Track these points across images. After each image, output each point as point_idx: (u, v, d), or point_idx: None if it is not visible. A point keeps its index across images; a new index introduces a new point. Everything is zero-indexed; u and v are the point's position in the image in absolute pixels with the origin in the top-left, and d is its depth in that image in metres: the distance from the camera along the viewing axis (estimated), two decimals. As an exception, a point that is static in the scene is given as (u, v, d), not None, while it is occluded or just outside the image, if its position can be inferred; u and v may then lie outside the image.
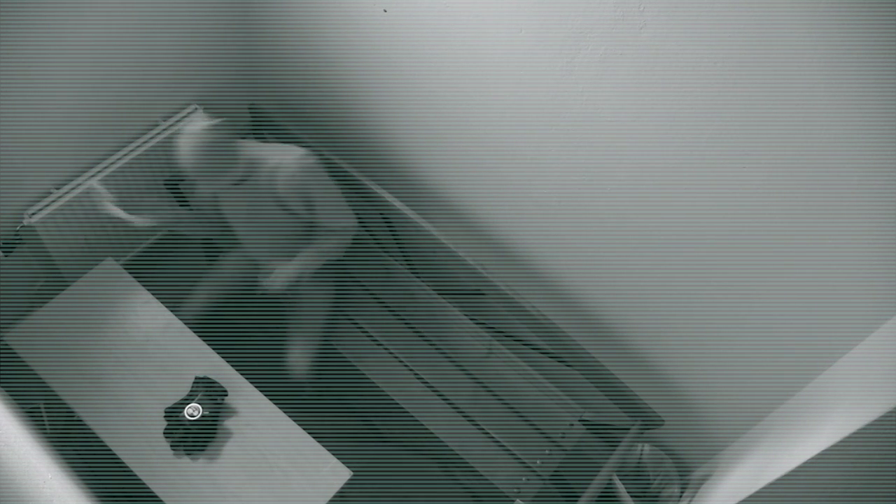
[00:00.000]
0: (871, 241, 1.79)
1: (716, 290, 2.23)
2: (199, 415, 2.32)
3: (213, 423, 2.34)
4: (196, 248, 3.13)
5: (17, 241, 2.64)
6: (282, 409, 2.44)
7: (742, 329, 2.24)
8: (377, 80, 2.63)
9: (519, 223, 2.67)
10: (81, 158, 2.66)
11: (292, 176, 2.36)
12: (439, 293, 2.97)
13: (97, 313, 2.53)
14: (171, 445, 2.31)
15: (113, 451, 2.29)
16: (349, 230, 2.58)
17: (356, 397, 2.98)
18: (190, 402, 2.34)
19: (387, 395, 2.73)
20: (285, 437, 2.38)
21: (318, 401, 2.97)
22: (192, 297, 2.76)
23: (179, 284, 3.09)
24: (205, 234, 2.81)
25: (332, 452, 2.38)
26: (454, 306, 2.94)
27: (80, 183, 2.65)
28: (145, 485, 2.24)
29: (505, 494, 2.58)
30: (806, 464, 1.72)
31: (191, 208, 2.65)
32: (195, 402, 2.33)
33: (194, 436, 2.31)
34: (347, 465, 2.36)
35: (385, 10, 2.36)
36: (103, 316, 2.53)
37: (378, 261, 3.00)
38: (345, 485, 2.33)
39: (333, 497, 2.31)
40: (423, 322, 2.89)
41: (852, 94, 1.62)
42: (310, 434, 2.40)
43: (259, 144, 2.44)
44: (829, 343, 2.03)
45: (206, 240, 3.02)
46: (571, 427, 2.74)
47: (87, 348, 2.45)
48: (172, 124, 2.82)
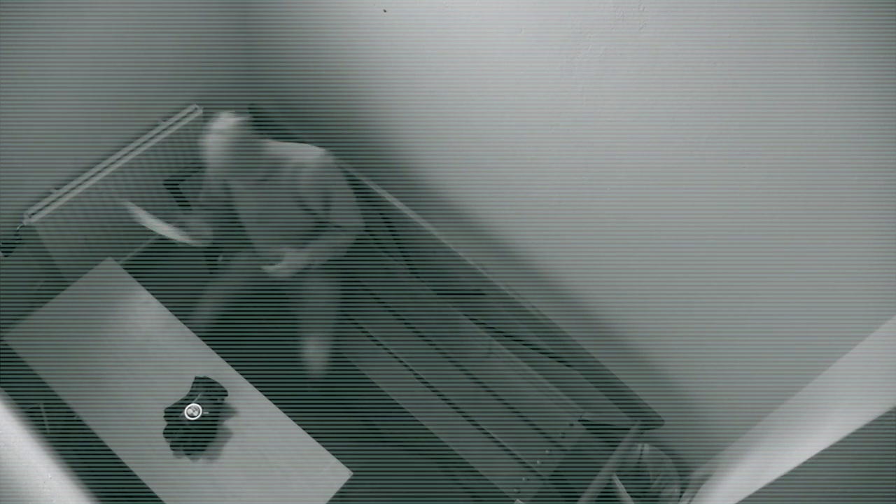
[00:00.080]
0: (871, 241, 1.79)
1: (716, 290, 2.23)
2: (199, 415, 2.32)
3: (212, 424, 2.34)
4: (196, 248, 3.12)
5: (17, 241, 2.64)
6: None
7: (742, 329, 2.24)
8: (377, 80, 2.63)
9: (519, 223, 2.67)
10: (81, 158, 2.66)
11: (315, 174, 2.41)
12: (439, 293, 2.97)
13: (97, 313, 2.53)
14: (170, 445, 2.31)
15: (113, 451, 2.29)
16: (358, 229, 2.63)
17: (356, 397, 2.98)
18: (190, 402, 2.34)
19: (387, 395, 2.73)
20: (285, 437, 2.38)
21: (322, 400, 2.97)
22: (201, 306, 2.75)
23: (179, 284, 3.09)
24: (216, 237, 2.80)
25: (332, 452, 2.38)
26: (454, 306, 2.94)
27: (80, 183, 2.65)
28: (145, 485, 2.24)
29: (505, 494, 2.58)
30: (806, 464, 1.72)
31: (201, 207, 2.63)
32: (195, 403, 2.33)
33: (194, 436, 2.31)
34: (347, 466, 2.36)
35: (385, 10, 2.36)
36: (103, 316, 2.53)
37: (378, 261, 3.00)
38: (345, 485, 2.33)
39: (333, 497, 2.31)
40: (423, 322, 2.89)
41: (852, 94, 1.62)
42: (310, 434, 2.40)
43: (277, 143, 2.47)
44: (829, 343, 2.03)
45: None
46: (571, 427, 2.74)
47: (87, 348, 2.45)
48: (172, 124, 2.82)
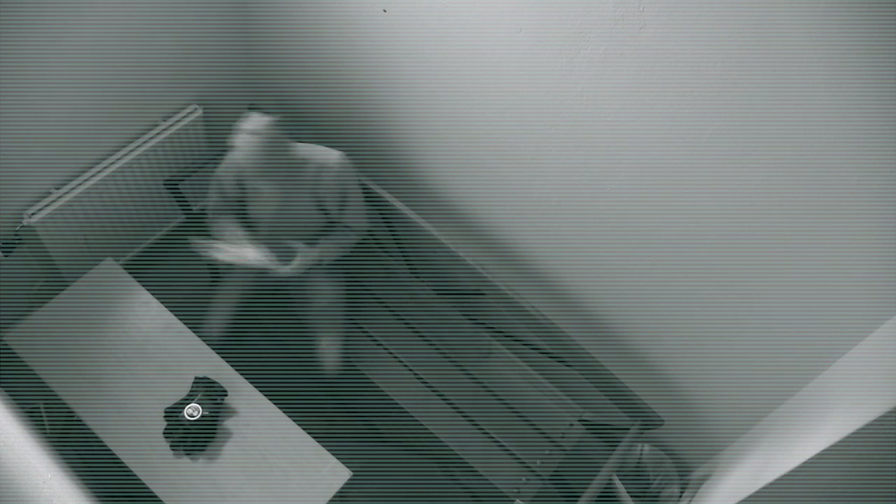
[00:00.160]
0: (871, 241, 1.79)
1: (716, 290, 2.23)
2: (199, 415, 2.32)
3: (212, 424, 2.34)
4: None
5: (17, 241, 2.64)
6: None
7: (742, 329, 2.24)
8: (377, 81, 2.63)
9: (519, 223, 2.66)
10: (81, 158, 2.66)
11: (338, 175, 2.46)
12: (439, 293, 2.97)
13: (97, 313, 2.53)
14: (170, 446, 2.31)
15: (113, 452, 2.29)
16: (364, 230, 2.68)
17: (356, 397, 2.98)
18: (190, 402, 2.34)
19: (387, 395, 2.73)
20: (285, 437, 2.38)
21: (324, 400, 2.98)
22: (212, 316, 2.73)
23: (179, 284, 3.09)
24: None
25: (332, 452, 2.38)
26: (454, 306, 2.94)
27: (80, 183, 2.65)
28: (145, 485, 2.24)
29: (505, 494, 2.58)
30: (806, 464, 1.72)
31: (216, 210, 2.60)
32: (195, 403, 2.33)
33: (194, 436, 2.31)
34: (347, 466, 2.36)
35: (385, 11, 2.36)
36: (103, 316, 2.53)
37: (378, 261, 3.00)
38: (345, 485, 2.33)
39: (333, 497, 2.31)
40: (423, 322, 2.89)
41: (852, 94, 1.62)
42: (310, 434, 2.40)
43: (297, 143, 2.48)
44: (829, 343, 2.03)
45: (206, 239, 3.01)
46: (571, 427, 2.74)
47: (86, 348, 2.45)
48: (172, 124, 2.82)
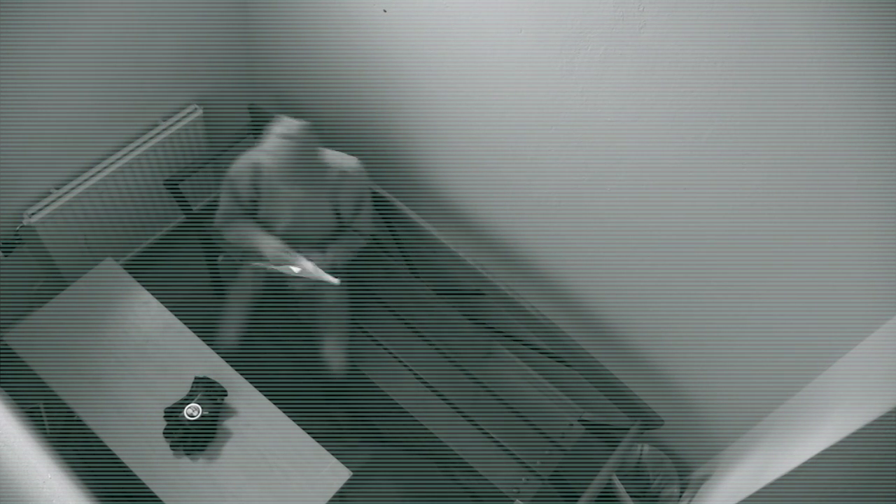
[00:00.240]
0: (871, 241, 1.79)
1: (716, 290, 2.23)
2: (199, 415, 2.32)
3: (212, 424, 2.34)
4: (196, 248, 3.13)
5: (17, 241, 2.64)
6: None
7: (742, 329, 2.24)
8: (377, 81, 2.63)
9: (519, 223, 2.67)
10: (81, 158, 2.66)
11: (357, 181, 2.50)
12: (439, 293, 2.97)
13: (97, 313, 2.53)
14: (170, 445, 2.31)
15: (113, 451, 2.28)
16: (371, 233, 2.71)
17: (356, 397, 2.98)
18: (189, 402, 2.34)
19: (387, 395, 2.73)
20: (285, 437, 2.38)
21: (326, 400, 2.97)
22: (226, 324, 2.70)
23: (179, 284, 3.10)
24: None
25: (332, 452, 2.38)
26: (454, 306, 2.94)
27: (80, 183, 2.65)
28: (145, 485, 2.24)
29: (504, 495, 2.58)
30: (806, 464, 1.72)
31: (229, 215, 2.58)
32: (195, 402, 2.33)
33: (194, 436, 2.31)
34: (347, 466, 2.36)
35: (385, 11, 2.36)
36: (103, 316, 2.53)
37: (378, 261, 3.00)
38: (345, 485, 2.33)
39: (333, 497, 2.31)
40: (423, 322, 2.89)
41: (852, 94, 1.62)
42: (309, 434, 2.40)
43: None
44: (829, 343, 2.03)
45: (206, 240, 3.01)
46: (571, 427, 2.74)
47: (86, 348, 2.45)
48: (172, 124, 2.82)
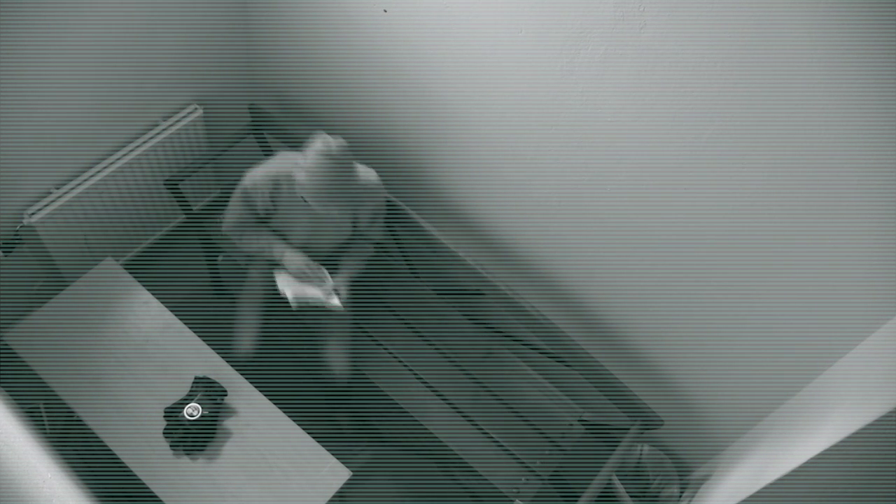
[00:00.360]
0: (871, 241, 1.79)
1: (716, 290, 2.23)
2: (199, 414, 2.31)
3: (212, 423, 2.34)
4: (196, 248, 3.13)
5: (17, 241, 2.64)
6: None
7: (742, 329, 2.24)
8: (377, 81, 2.63)
9: (519, 223, 2.67)
10: (81, 158, 2.66)
11: (378, 195, 2.52)
12: (439, 293, 2.97)
13: (97, 313, 2.52)
14: (170, 445, 2.31)
15: (113, 451, 2.28)
16: (380, 241, 2.73)
17: (356, 397, 2.98)
18: (189, 401, 2.34)
19: (386, 395, 2.73)
20: (285, 437, 2.38)
21: (328, 401, 2.97)
22: (240, 334, 2.66)
23: (179, 284, 3.10)
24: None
25: (332, 452, 2.37)
26: (454, 306, 2.94)
27: (80, 183, 2.65)
28: (145, 485, 2.24)
29: (504, 495, 2.58)
30: (806, 464, 1.72)
31: (241, 225, 2.55)
32: (195, 402, 2.33)
33: (194, 436, 2.31)
34: (347, 466, 2.36)
35: (385, 11, 2.36)
36: (103, 316, 2.52)
37: (378, 261, 3.00)
38: (344, 485, 2.33)
39: (333, 497, 2.31)
40: (423, 322, 2.89)
41: (852, 94, 1.62)
42: (309, 434, 2.40)
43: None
44: (829, 343, 2.03)
45: (206, 240, 3.01)
46: (571, 427, 2.74)
47: (86, 348, 2.45)
48: (172, 124, 2.82)
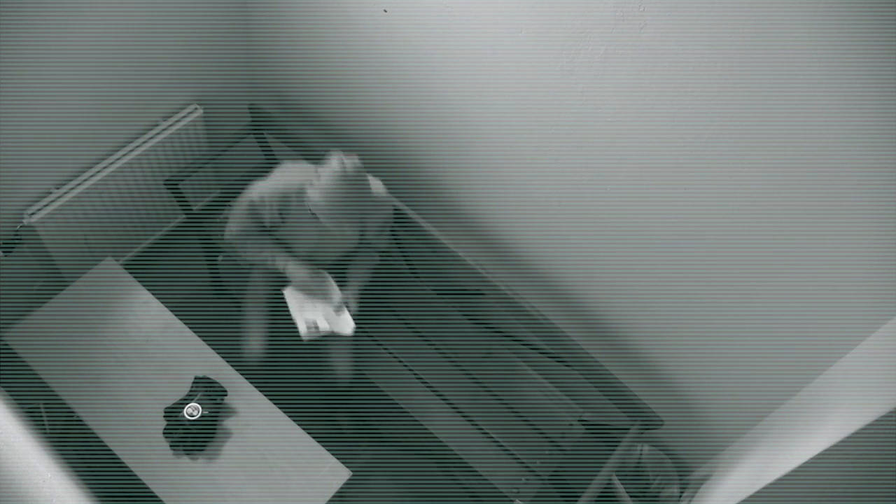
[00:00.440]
0: (871, 241, 1.79)
1: (716, 290, 2.23)
2: (199, 414, 2.31)
3: (212, 423, 2.34)
4: (196, 248, 3.13)
5: (17, 241, 2.64)
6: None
7: (742, 329, 2.24)
8: (377, 81, 2.63)
9: (519, 223, 2.66)
10: (81, 158, 2.66)
11: (386, 207, 2.52)
12: (439, 293, 2.97)
13: (97, 313, 2.52)
14: (170, 445, 2.31)
15: (113, 451, 2.28)
16: (385, 250, 2.74)
17: (356, 397, 2.98)
18: (189, 401, 2.34)
19: (386, 395, 2.73)
20: (285, 437, 2.38)
21: (327, 400, 2.97)
22: (249, 336, 2.65)
23: (179, 284, 3.10)
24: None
25: (332, 452, 2.37)
26: (454, 306, 2.94)
27: (80, 183, 2.65)
28: (145, 485, 2.24)
29: (504, 495, 2.58)
30: (806, 464, 1.72)
31: (244, 235, 2.53)
32: (195, 402, 2.33)
33: (194, 436, 2.31)
34: (347, 466, 2.36)
35: (385, 11, 2.36)
36: (103, 316, 2.52)
37: (379, 261, 3.00)
38: (344, 485, 2.33)
39: (333, 497, 2.31)
40: (423, 322, 2.89)
41: (852, 94, 1.62)
42: (309, 434, 2.40)
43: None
44: (829, 343, 2.03)
45: (206, 240, 3.01)
46: (571, 427, 2.74)
47: (86, 348, 2.45)
48: (172, 124, 2.82)
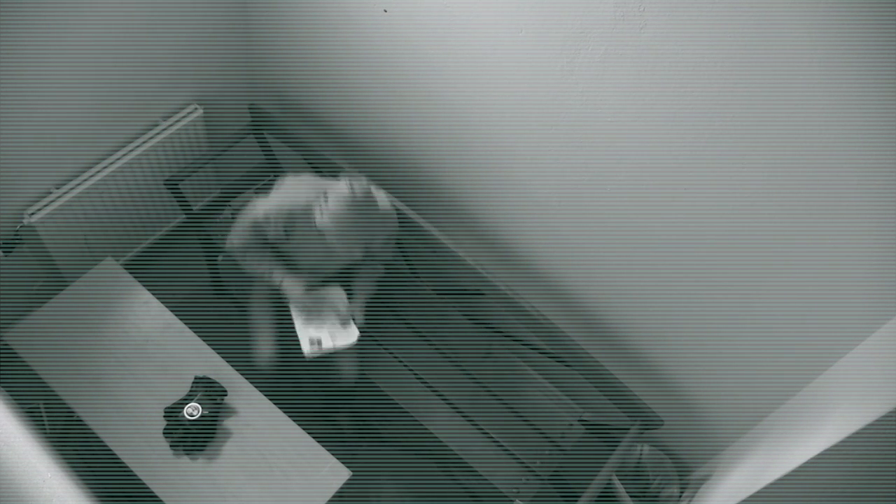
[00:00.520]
0: (871, 241, 1.79)
1: (716, 290, 2.23)
2: (199, 414, 2.31)
3: (212, 423, 2.34)
4: (196, 248, 3.13)
5: (17, 241, 2.64)
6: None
7: (742, 329, 2.24)
8: (377, 81, 2.63)
9: (519, 223, 2.66)
10: (81, 158, 2.66)
11: (391, 221, 2.51)
12: (439, 293, 2.97)
13: (97, 313, 2.52)
14: (170, 445, 2.31)
15: (113, 451, 2.28)
16: (390, 261, 2.71)
17: (356, 397, 2.98)
18: (189, 401, 2.34)
19: (386, 395, 2.73)
20: (285, 437, 2.38)
21: (327, 401, 2.97)
22: (258, 342, 2.65)
23: (179, 284, 3.10)
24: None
25: (332, 452, 2.37)
26: (454, 306, 2.94)
27: (80, 183, 2.65)
28: (145, 485, 2.24)
29: (504, 495, 2.58)
30: (806, 464, 1.72)
31: (245, 248, 2.51)
32: (195, 402, 2.33)
33: (194, 435, 2.31)
34: (347, 466, 2.36)
35: (385, 10, 2.36)
36: (103, 316, 2.52)
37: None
38: (344, 485, 2.33)
39: (333, 497, 2.31)
40: (423, 322, 2.89)
41: (852, 94, 1.62)
42: (309, 434, 2.40)
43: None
44: (829, 343, 2.03)
45: (206, 240, 3.02)
46: (571, 427, 2.74)
47: (86, 348, 2.45)
48: (172, 124, 2.82)
